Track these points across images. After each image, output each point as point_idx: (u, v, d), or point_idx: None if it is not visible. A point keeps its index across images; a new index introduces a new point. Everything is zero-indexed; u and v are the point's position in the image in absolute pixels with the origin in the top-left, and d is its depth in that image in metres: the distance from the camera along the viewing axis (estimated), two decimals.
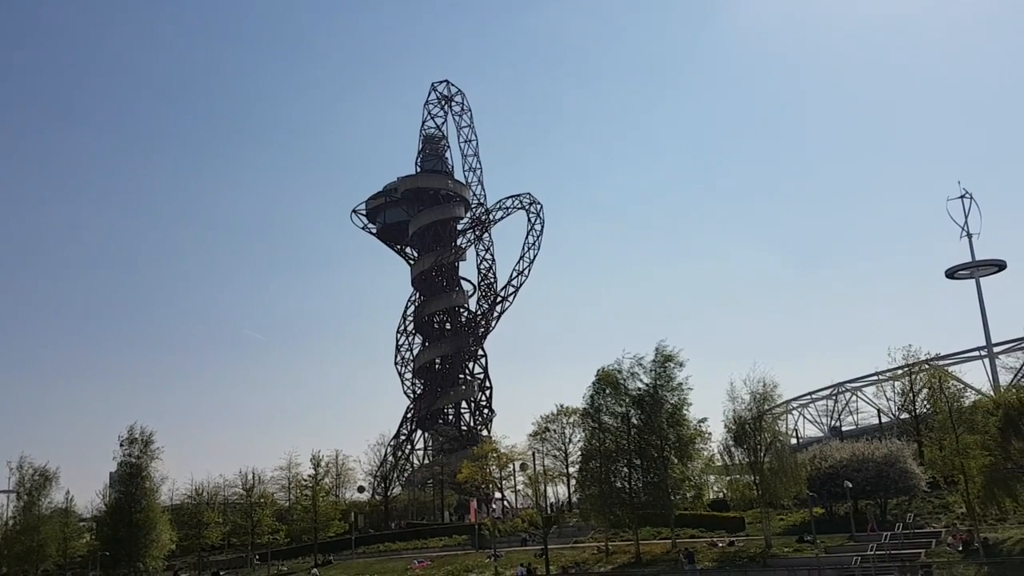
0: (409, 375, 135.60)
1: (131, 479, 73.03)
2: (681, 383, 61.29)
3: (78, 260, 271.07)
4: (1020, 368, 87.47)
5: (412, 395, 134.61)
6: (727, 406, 60.39)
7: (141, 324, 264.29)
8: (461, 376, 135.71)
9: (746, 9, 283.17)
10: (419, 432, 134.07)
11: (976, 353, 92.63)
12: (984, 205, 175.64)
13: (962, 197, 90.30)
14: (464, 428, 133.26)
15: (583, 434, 65.21)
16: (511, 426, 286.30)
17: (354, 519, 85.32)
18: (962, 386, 68.67)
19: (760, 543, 56.61)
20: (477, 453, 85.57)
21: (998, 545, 47.51)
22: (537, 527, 67.89)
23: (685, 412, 61.09)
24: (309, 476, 79.37)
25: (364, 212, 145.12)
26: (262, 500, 79.86)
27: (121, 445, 74.28)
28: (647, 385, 61.42)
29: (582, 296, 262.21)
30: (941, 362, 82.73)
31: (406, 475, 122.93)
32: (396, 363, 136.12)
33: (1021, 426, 47.88)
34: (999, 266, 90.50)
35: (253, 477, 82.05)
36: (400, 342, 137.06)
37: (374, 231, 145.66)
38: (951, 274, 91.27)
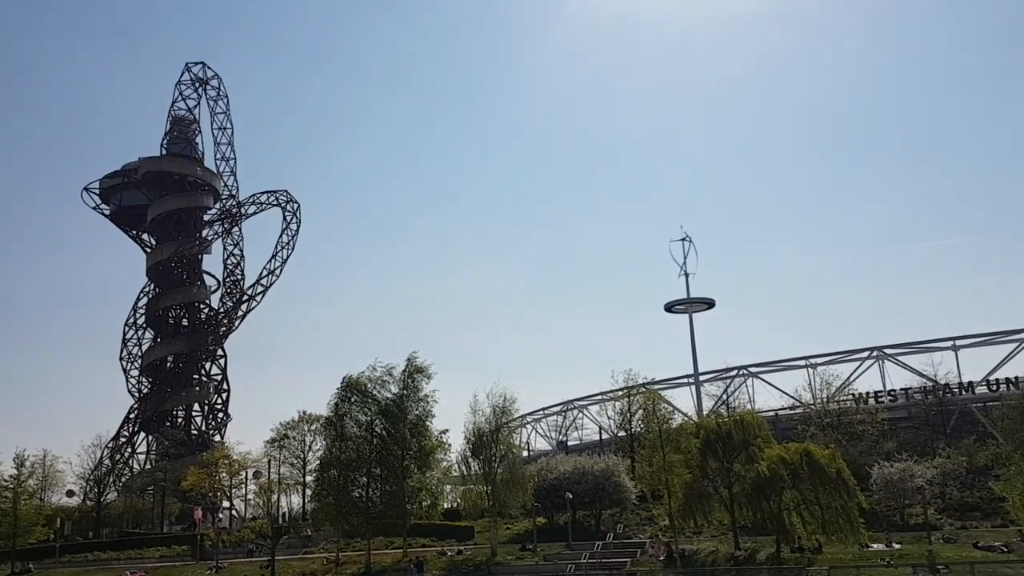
0: (136, 372, 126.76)
1: None
2: (428, 395, 62.88)
3: None
4: (720, 396, 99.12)
5: (137, 394, 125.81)
6: (468, 418, 63.19)
7: None
8: (196, 377, 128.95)
9: (516, 25, 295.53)
10: (142, 434, 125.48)
11: (685, 380, 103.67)
12: (701, 248, 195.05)
13: (683, 240, 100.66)
14: (194, 432, 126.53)
15: (324, 442, 64.77)
16: (248, 432, 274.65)
17: (60, 525, 78.27)
18: (671, 409, 76.65)
19: (487, 551, 59.37)
20: (207, 459, 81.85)
21: (693, 556, 53.49)
22: (266, 537, 66.20)
23: (429, 423, 62.72)
24: (10, 476, 71.87)
25: (97, 191, 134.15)
26: None
27: None
28: (394, 395, 62.35)
29: (336, 302, 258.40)
30: (656, 386, 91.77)
31: (123, 480, 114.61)
32: (122, 358, 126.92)
33: (718, 448, 54.21)
34: (709, 304, 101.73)
35: None
36: (128, 335, 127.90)
37: (107, 213, 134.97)
38: (669, 308, 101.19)
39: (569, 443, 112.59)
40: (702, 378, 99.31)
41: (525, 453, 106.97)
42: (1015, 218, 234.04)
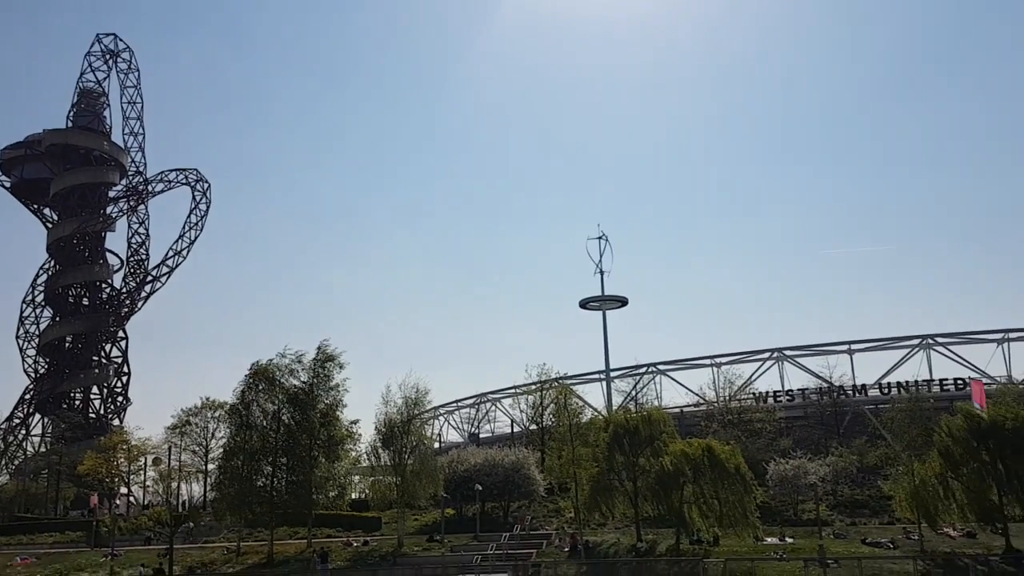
0: (32, 351, 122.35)
1: None
2: (339, 384, 62.07)
3: None
4: (629, 392, 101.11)
5: (34, 374, 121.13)
6: (380, 409, 62.68)
7: None
8: (95, 358, 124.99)
9: (449, 20, 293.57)
10: (38, 416, 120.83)
11: (597, 376, 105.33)
12: (617, 247, 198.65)
13: (599, 238, 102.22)
14: (92, 415, 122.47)
15: (228, 430, 63.37)
16: (149, 417, 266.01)
17: None
18: (582, 404, 77.81)
19: (394, 542, 59.15)
20: (104, 444, 79.00)
21: (597, 547, 54.50)
22: (165, 525, 64.50)
23: (339, 413, 61.97)
24: None
25: None
26: None
27: None
28: (304, 383, 61.33)
29: (245, 287, 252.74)
30: (568, 381, 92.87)
31: (16, 463, 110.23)
32: (18, 336, 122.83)
33: (625, 442, 55.30)
34: (622, 301, 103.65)
35: None
36: (25, 313, 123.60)
37: (7, 185, 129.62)
38: (584, 304, 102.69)
39: (481, 435, 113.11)
40: (613, 374, 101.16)
41: (437, 445, 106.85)
42: (907, 229, 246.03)
